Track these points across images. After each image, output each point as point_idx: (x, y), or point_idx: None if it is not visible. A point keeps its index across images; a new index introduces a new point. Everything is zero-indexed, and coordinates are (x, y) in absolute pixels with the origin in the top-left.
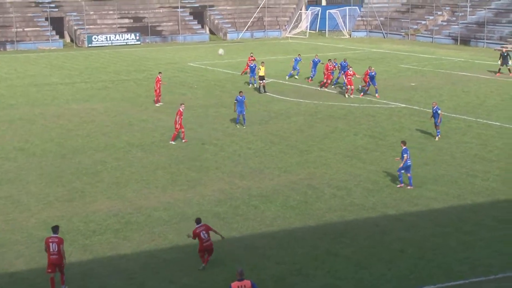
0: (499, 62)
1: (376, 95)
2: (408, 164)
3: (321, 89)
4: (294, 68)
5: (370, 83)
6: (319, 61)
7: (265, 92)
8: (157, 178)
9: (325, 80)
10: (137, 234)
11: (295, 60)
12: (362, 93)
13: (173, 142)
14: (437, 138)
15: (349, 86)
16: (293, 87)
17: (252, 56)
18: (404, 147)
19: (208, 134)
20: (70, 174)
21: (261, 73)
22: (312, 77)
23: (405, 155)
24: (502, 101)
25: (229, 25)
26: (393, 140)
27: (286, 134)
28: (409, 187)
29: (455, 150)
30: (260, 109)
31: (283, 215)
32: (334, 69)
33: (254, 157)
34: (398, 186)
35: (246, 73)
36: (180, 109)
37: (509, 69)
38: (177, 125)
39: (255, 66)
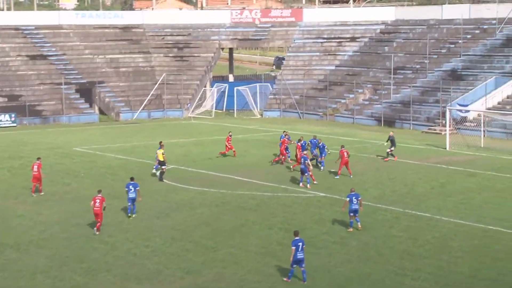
0: (386, 145)
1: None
2: (299, 257)
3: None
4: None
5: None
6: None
7: (161, 180)
8: (36, 285)
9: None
10: None
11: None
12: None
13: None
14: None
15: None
16: (196, 174)
17: (230, 136)
18: (295, 238)
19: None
20: None
21: (160, 157)
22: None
23: (293, 248)
24: (431, 189)
25: (123, 104)
26: (312, 234)
27: (189, 228)
28: (302, 282)
29: (381, 245)
30: (159, 200)
31: None
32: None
33: (152, 256)
34: (285, 279)
35: (225, 155)
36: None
37: (391, 153)
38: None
39: None
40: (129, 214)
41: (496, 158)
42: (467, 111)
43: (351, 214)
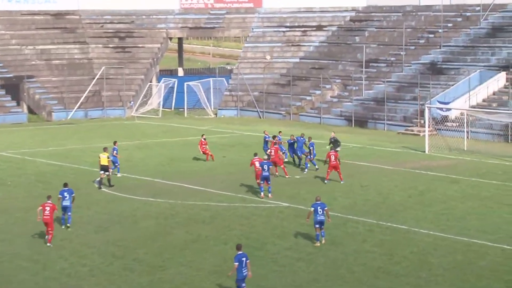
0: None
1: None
2: (244, 274)
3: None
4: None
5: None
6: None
7: (100, 187)
8: None
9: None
10: None
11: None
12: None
13: None
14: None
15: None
16: (141, 181)
17: (204, 139)
18: (238, 253)
19: (27, 246)
20: None
21: (104, 161)
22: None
23: (236, 263)
24: (409, 198)
25: (55, 102)
26: (274, 250)
27: (132, 244)
28: None
29: (352, 262)
30: (98, 212)
31: None
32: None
33: (90, 277)
34: None
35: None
36: None
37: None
38: None
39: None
40: (63, 225)
41: (481, 162)
42: (448, 109)
43: (317, 226)
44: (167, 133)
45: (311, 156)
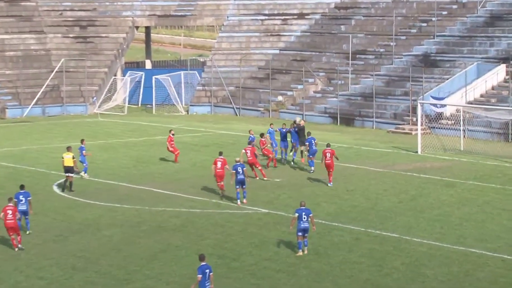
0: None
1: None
2: None
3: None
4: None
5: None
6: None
7: (63, 190)
8: None
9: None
10: None
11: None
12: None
13: None
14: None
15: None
16: (104, 186)
17: (173, 135)
18: (201, 264)
19: None
20: None
21: (68, 162)
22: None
23: (199, 276)
24: (399, 203)
25: (9, 97)
26: (251, 261)
27: (95, 255)
28: None
29: (338, 274)
30: (57, 219)
31: None
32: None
33: None
34: None
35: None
36: None
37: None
38: None
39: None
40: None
41: (479, 164)
42: (443, 105)
43: (299, 234)
44: (134, 132)
45: (310, 154)
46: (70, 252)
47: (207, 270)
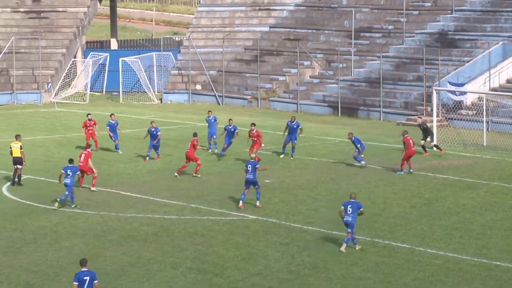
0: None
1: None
2: None
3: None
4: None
5: None
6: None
7: (14, 184)
8: None
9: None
10: None
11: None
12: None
13: None
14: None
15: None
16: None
17: (91, 120)
18: (81, 270)
19: None
20: None
21: (16, 153)
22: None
23: (74, 284)
24: (411, 209)
25: None
26: (238, 276)
27: (53, 269)
28: None
29: None
30: (7, 228)
31: None
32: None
33: None
34: None
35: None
36: None
37: (423, 147)
38: None
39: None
40: None
41: (505, 161)
42: (463, 93)
43: (348, 230)
44: (97, 124)
45: (359, 151)
46: (23, 267)
47: (86, 278)
